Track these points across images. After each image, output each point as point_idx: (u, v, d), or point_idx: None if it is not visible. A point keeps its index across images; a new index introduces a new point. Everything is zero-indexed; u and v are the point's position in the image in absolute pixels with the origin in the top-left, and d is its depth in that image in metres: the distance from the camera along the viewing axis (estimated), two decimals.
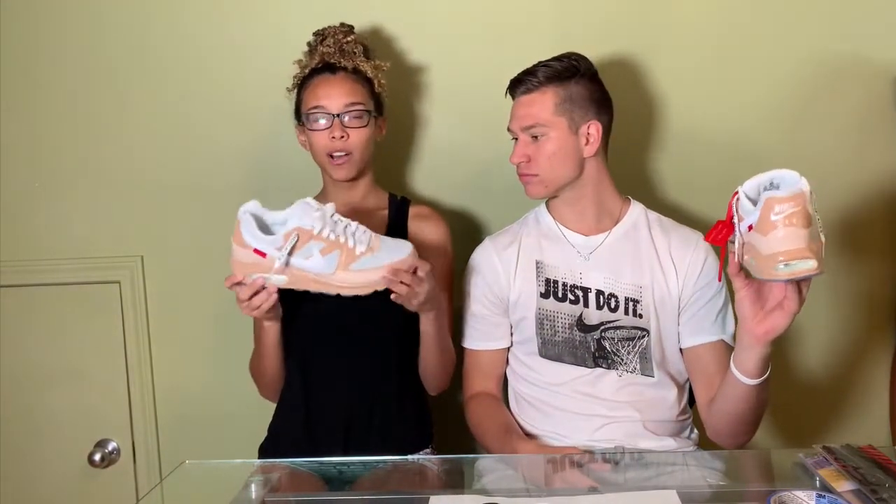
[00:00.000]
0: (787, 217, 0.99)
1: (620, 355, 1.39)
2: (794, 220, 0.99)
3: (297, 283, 1.23)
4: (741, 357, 1.18)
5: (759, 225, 1.01)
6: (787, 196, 0.99)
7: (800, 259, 0.99)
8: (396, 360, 1.46)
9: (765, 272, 1.03)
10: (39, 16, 1.72)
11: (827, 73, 1.67)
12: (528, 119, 1.38)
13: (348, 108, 1.41)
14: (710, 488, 1.21)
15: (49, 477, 1.82)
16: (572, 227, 1.45)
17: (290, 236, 1.19)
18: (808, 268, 0.99)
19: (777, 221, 0.99)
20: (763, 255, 1.02)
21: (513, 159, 1.41)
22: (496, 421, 1.43)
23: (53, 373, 1.80)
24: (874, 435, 1.73)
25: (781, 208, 0.99)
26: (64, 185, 1.76)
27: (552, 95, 1.37)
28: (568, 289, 1.42)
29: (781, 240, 0.99)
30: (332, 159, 1.43)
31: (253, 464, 1.30)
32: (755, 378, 1.19)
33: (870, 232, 1.72)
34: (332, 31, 1.47)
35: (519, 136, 1.40)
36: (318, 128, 1.42)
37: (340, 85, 1.42)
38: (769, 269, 1.01)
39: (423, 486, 1.27)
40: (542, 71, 1.37)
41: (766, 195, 1.01)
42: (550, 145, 1.37)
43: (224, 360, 1.77)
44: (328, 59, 1.44)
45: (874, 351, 1.76)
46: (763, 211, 1.00)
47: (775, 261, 1.00)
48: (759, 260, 1.03)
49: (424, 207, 1.56)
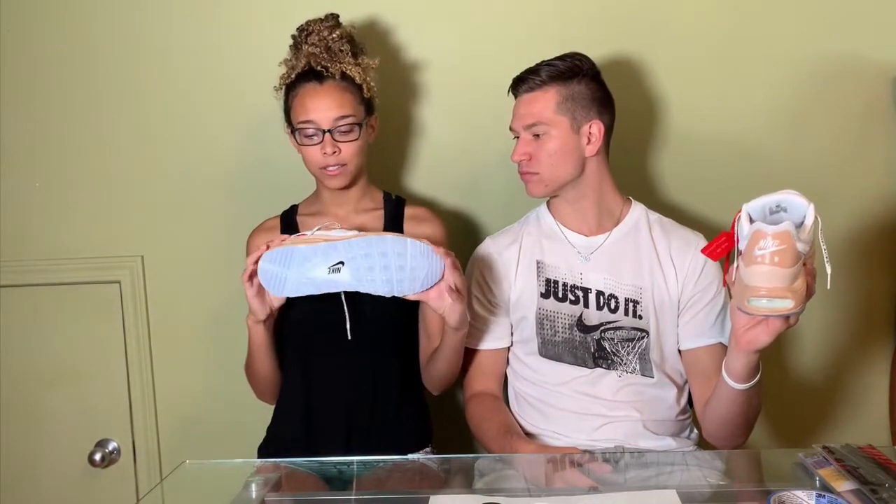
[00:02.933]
0: (771, 254, 0.97)
1: (620, 356, 1.39)
2: (776, 259, 0.97)
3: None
4: (730, 360, 1.19)
5: (745, 254, 1.00)
6: (776, 233, 0.97)
7: (776, 298, 0.98)
8: (396, 360, 1.46)
9: (739, 302, 1.02)
10: (40, 17, 1.72)
11: (827, 73, 1.67)
12: (530, 117, 1.38)
13: (338, 123, 1.39)
14: (710, 488, 1.21)
15: (49, 477, 1.82)
16: (573, 228, 1.45)
17: None
18: (784, 307, 0.99)
19: (760, 256, 0.97)
20: (743, 284, 1.01)
21: (514, 157, 1.41)
22: (496, 421, 1.43)
23: (53, 373, 1.80)
24: (874, 435, 1.73)
25: (766, 244, 0.97)
26: (64, 185, 1.76)
27: (554, 94, 1.37)
28: (568, 289, 1.42)
29: (761, 275, 0.98)
30: (326, 170, 1.42)
31: (253, 464, 1.29)
32: (742, 383, 1.19)
33: (869, 232, 1.72)
34: (317, 26, 1.43)
35: (521, 135, 1.40)
36: (309, 143, 1.40)
37: (328, 96, 1.39)
38: (744, 300, 1.01)
39: (423, 485, 1.27)
40: (546, 70, 1.37)
41: (754, 227, 0.99)
42: (552, 144, 1.37)
43: (224, 360, 1.77)
44: (314, 63, 1.41)
45: (874, 351, 1.76)
46: (750, 242, 0.99)
47: (753, 293, 0.99)
48: (739, 288, 1.02)
49: (420, 208, 1.55)
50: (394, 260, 1.22)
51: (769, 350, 1.68)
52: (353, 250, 1.23)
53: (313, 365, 1.45)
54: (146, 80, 1.72)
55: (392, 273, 1.23)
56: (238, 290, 1.52)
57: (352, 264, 1.23)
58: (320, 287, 1.24)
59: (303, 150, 1.42)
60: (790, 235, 0.97)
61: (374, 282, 1.23)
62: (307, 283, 1.24)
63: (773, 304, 0.99)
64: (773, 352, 1.72)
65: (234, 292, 1.56)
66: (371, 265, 1.22)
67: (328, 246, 1.23)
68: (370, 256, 1.22)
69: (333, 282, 1.24)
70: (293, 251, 1.23)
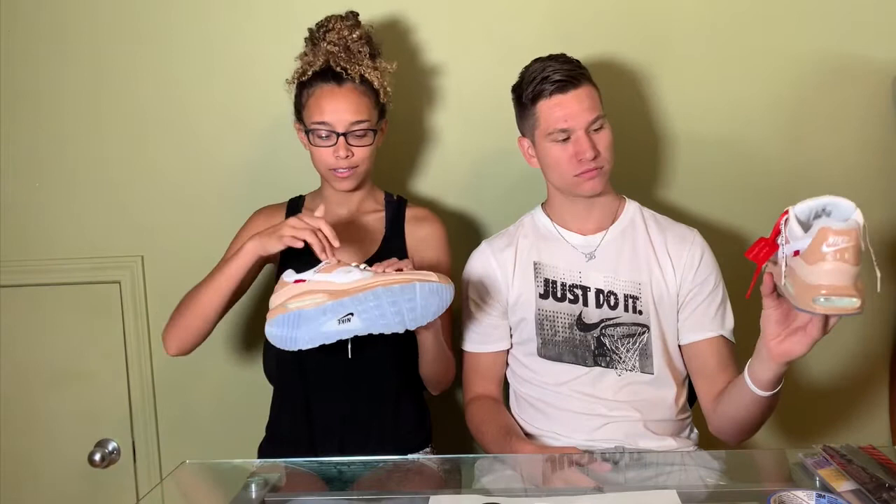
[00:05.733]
0: (839, 251, 0.94)
1: (620, 353, 1.39)
2: (845, 256, 0.94)
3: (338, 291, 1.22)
4: (756, 368, 1.17)
5: (807, 253, 0.97)
6: (842, 229, 0.95)
7: (844, 296, 0.95)
8: (395, 360, 1.46)
9: (802, 302, 0.98)
10: (41, 17, 1.72)
11: (827, 73, 1.67)
12: (594, 111, 1.36)
13: (353, 128, 1.39)
14: (710, 488, 1.21)
15: (49, 477, 1.82)
16: (571, 227, 1.45)
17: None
18: (851, 306, 0.95)
19: (828, 254, 0.94)
20: (805, 283, 0.97)
21: (585, 154, 1.34)
22: (496, 423, 1.43)
23: (53, 373, 1.80)
24: (874, 435, 1.73)
25: (835, 241, 0.94)
26: (64, 185, 1.76)
27: (596, 89, 1.38)
28: (567, 288, 1.42)
29: (828, 273, 0.95)
30: (336, 172, 1.42)
31: (253, 464, 1.29)
32: (768, 390, 1.18)
33: (869, 231, 1.71)
34: (338, 24, 1.42)
35: (577, 132, 1.35)
36: (322, 144, 1.40)
37: (346, 100, 1.38)
38: (808, 300, 0.97)
39: (422, 486, 1.26)
40: (579, 66, 1.37)
41: (820, 223, 0.96)
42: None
43: (224, 360, 1.77)
44: (333, 62, 1.39)
45: (874, 351, 1.76)
46: (815, 240, 0.95)
47: (817, 292, 0.95)
48: (800, 288, 0.98)
49: (421, 209, 1.55)
50: (404, 304, 1.20)
51: None
52: (362, 303, 1.20)
53: (312, 364, 1.45)
54: (146, 80, 1.72)
55: (404, 314, 1.21)
56: None
57: (362, 315, 1.21)
58: (333, 337, 1.22)
59: (314, 149, 1.42)
60: (857, 233, 0.96)
61: (386, 325, 1.21)
62: (319, 336, 1.22)
63: (841, 302, 0.96)
64: None
65: None
66: (382, 312, 1.21)
67: (336, 304, 1.20)
68: (380, 306, 1.20)
69: (346, 331, 1.22)
70: (300, 315, 1.21)
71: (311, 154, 1.44)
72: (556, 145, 1.36)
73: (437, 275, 1.23)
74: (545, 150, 1.38)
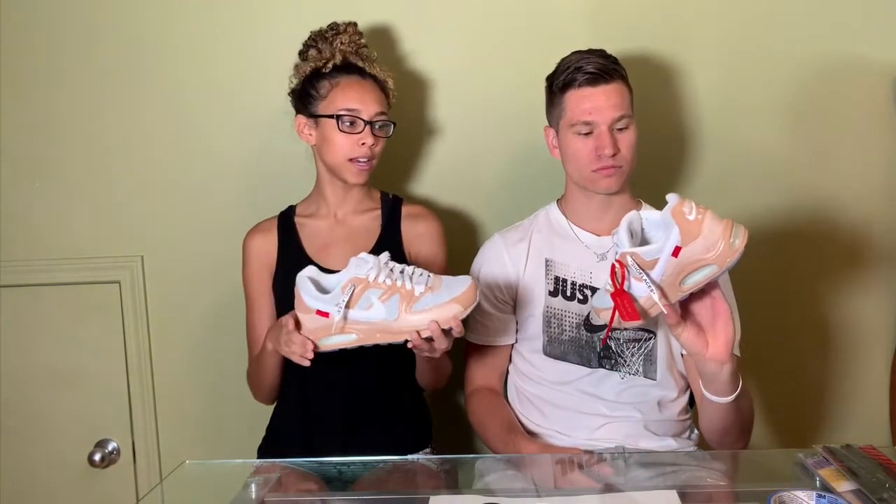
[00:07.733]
0: (697, 208, 1.03)
1: (625, 356, 1.39)
2: (702, 208, 1.04)
3: (367, 338, 1.21)
4: (712, 385, 1.18)
5: (685, 235, 1.03)
6: (680, 200, 1.04)
7: (736, 226, 1.03)
8: (395, 360, 1.45)
9: (720, 260, 1.03)
10: (40, 16, 1.72)
11: (827, 73, 1.67)
12: (621, 108, 1.34)
13: (378, 117, 1.42)
14: (710, 488, 1.21)
15: (49, 477, 1.82)
16: (586, 227, 1.44)
17: (347, 287, 1.18)
18: (745, 233, 1.03)
19: (698, 218, 1.03)
20: (708, 253, 1.03)
21: (605, 150, 1.32)
22: (499, 418, 1.42)
23: (53, 373, 1.80)
24: (874, 435, 1.73)
25: (688, 206, 1.04)
26: (64, 185, 1.76)
27: (626, 87, 1.37)
28: (577, 288, 1.41)
29: (714, 224, 1.03)
30: (355, 162, 1.42)
31: (253, 464, 1.29)
32: (732, 394, 1.18)
33: (869, 231, 1.72)
34: (348, 27, 1.47)
35: (600, 127, 1.34)
36: (351, 131, 1.41)
37: (372, 91, 1.43)
38: (723, 256, 1.03)
39: (423, 486, 1.27)
40: (614, 60, 1.36)
41: (667, 211, 1.04)
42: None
43: (224, 360, 1.77)
44: (350, 59, 1.43)
45: (874, 351, 1.76)
46: (680, 223, 1.03)
47: (725, 240, 1.02)
48: (669, 281, 1.05)
49: (417, 206, 1.55)
50: None
51: (769, 350, 1.70)
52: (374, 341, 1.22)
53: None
54: (146, 80, 1.72)
55: None
56: (238, 289, 1.53)
57: None
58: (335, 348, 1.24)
59: (337, 136, 1.41)
60: (686, 200, 1.05)
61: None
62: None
63: (740, 230, 1.04)
64: (774, 352, 1.72)
65: (233, 292, 1.57)
66: None
67: None
68: None
69: (347, 341, 1.24)
70: None
71: (322, 148, 1.44)
72: (578, 138, 1.36)
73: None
74: (567, 141, 1.38)
